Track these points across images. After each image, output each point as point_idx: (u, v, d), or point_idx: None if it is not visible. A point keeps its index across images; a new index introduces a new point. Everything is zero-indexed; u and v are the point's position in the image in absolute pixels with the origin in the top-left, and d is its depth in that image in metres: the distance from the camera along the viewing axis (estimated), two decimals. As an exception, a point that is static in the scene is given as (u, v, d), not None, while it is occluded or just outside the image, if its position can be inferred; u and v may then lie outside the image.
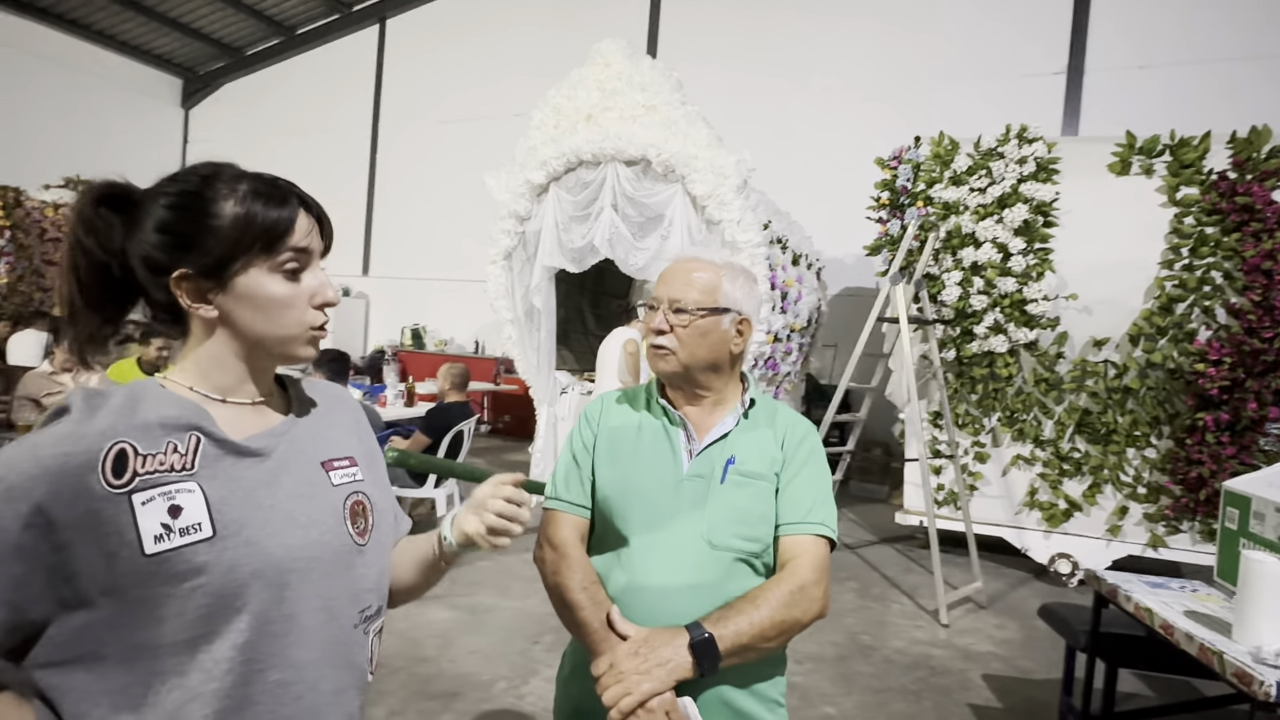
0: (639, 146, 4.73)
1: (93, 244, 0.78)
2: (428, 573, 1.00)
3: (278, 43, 12.05)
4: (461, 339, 10.55)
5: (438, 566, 0.99)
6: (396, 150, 11.36)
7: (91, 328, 0.80)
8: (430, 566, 0.99)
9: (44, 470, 0.67)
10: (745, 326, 1.25)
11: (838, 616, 3.85)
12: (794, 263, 5.61)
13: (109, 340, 0.83)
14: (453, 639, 3.26)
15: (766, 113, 8.69)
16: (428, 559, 0.98)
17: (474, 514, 0.93)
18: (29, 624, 0.69)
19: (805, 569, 1.12)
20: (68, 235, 0.78)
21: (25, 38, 10.32)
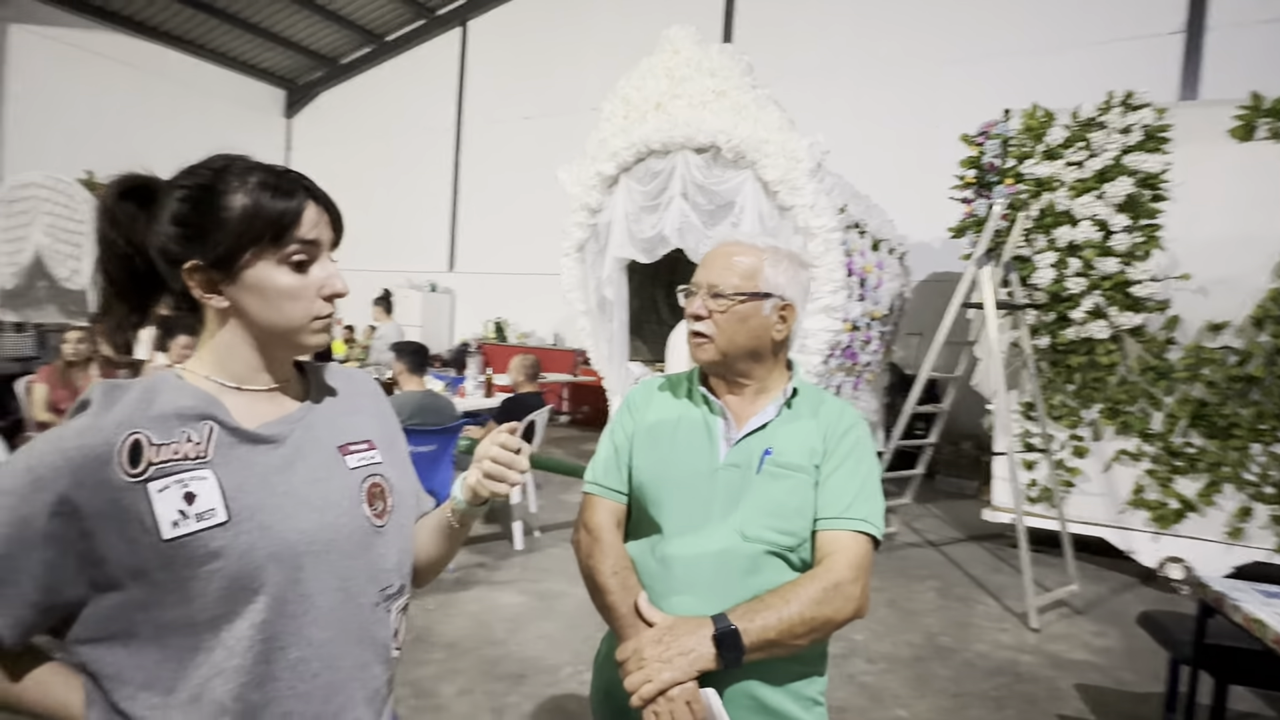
0: (708, 133, 4.66)
1: (117, 236, 0.82)
2: (446, 539, 1.01)
3: (369, 51, 12.63)
4: (542, 331, 10.78)
5: (453, 530, 1.00)
6: (479, 148, 11.70)
7: (120, 317, 0.84)
8: (447, 532, 1.00)
9: (67, 461, 0.71)
10: (789, 312, 1.20)
11: (915, 616, 3.70)
12: (874, 248, 5.40)
13: (138, 329, 0.87)
14: (522, 623, 3.33)
15: (848, 93, 8.39)
16: (444, 525, 1.00)
17: (474, 466, 0.94)
18: (64, 604, 0.73)
19: (841, 566, 1.07)
20: (95, 228, 0.82)
21: (143, 57, 11.25)
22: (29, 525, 0.70)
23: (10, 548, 0.70)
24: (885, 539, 4.89)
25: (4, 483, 0.71)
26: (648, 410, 1.26)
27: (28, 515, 0.70)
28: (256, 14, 11.36)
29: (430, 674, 2.81)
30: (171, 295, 0.86)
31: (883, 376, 6.57)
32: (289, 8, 11.25)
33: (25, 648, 0.76)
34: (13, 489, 0.71)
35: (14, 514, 0.70)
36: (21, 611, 0.71)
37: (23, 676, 0.75)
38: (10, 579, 0.70)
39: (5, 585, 0.70)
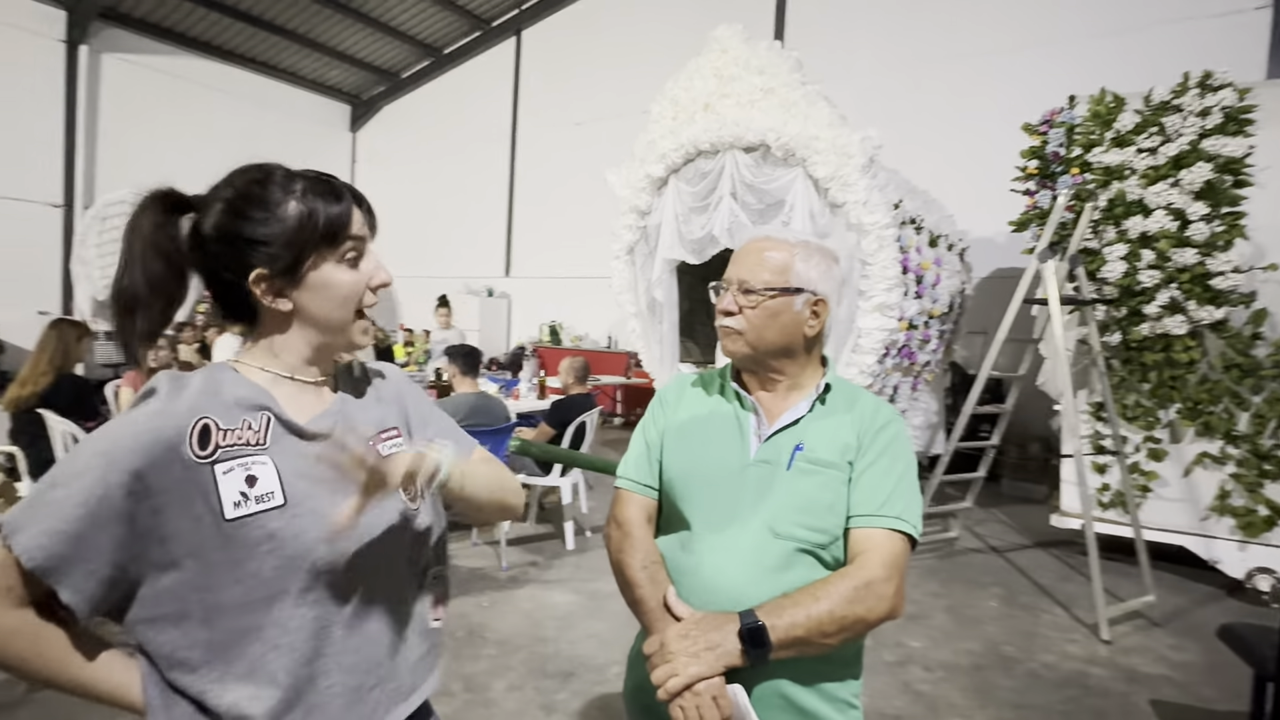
0: (757, 132, 4.62)
1: (153, 244, 0.85)
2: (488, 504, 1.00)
3: (428, 64, 13.03)
4: (596, 334, 10.88)
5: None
6: (533, 154, 11.91)
7: (153, 323, 0.87)
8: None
9: (140, 443, 0.76)
10: (821, 308, 1.18)
11: (976, 623, 3.56)
12: (931, 244, 5.24)
13: (162, 333, 0.92)
14: (573, 622, 3.37)
15: (904, 86, 8.18)
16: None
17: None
18: (128, 581, 0.78)
19: (874, 564, 1.05)
20: (129, 236, 0.84)
21: (220, 79, 11.91)
22: (104, 503, 0.74)
23: (83, 525, 0.74)
24: (945, 544, 4.74)
25: (78, 464, 0.76)
26: (679, 406, 1.26)
27: (103, 494, 0.74)
28: (324, 33, 11.87)
29: (482, 669, 2.87)
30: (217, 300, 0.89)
31: (943, 377, 6.37)
32: (354, 26, 11.71)
33: (85, 632, 0.82)
34: (87, 469, 0.75)
35: (88, 493, 0.74)
36: (94, 588, 0.76)
37: (82, 658, 0.80)
38: (85, 555, 0.74)
39: (80, 561, 0.74)
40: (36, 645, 0.77)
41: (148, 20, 10.92)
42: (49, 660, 0.78)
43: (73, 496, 0.74)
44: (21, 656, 0.77)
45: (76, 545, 0.74)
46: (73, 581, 0.75)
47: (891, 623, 3.53)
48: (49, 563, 0.74)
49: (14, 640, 0.77)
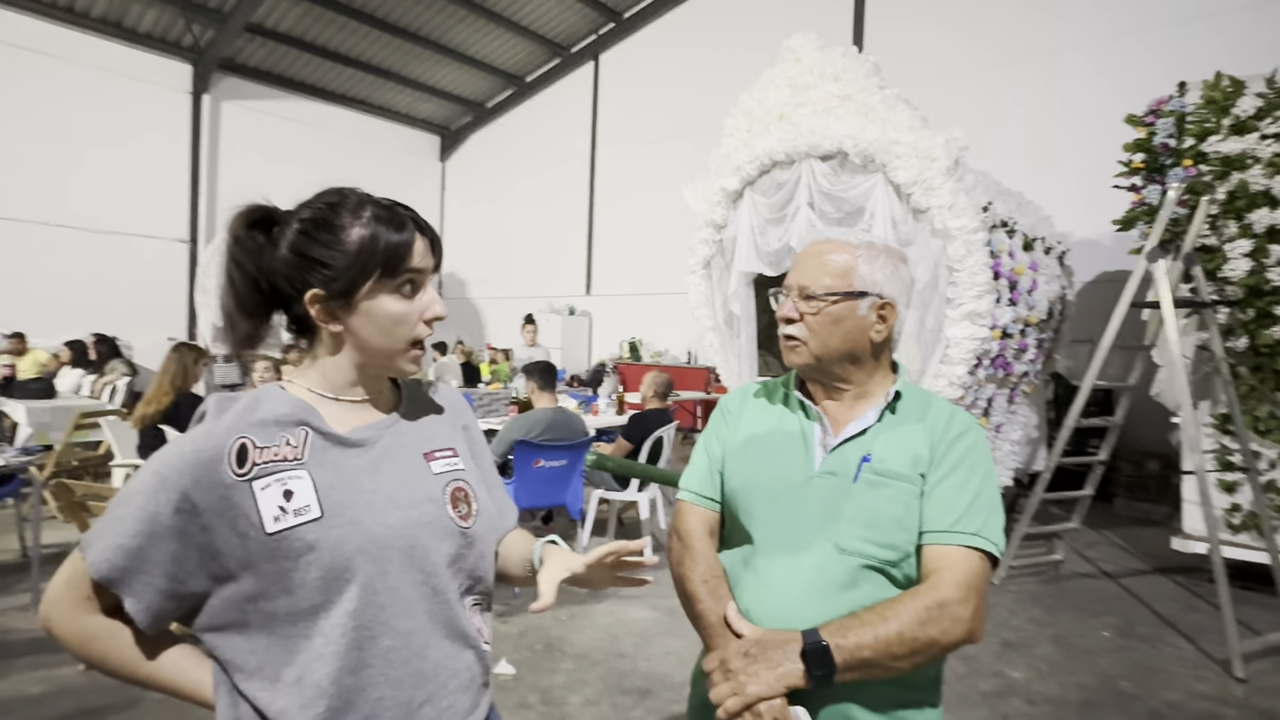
0: (834, 139, 4.52)
1: (243, 260, 0.90)
2: (518, 578, 1.03)
3: (511, 93, 13.53)
4: (675, 350, 10.88)
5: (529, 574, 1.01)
6: (611, 175, 12.13)
7: (246, 334, 0.92)
8: (521, 574, 1.02)
9: (186, 463, 0.81)
10: (889, 311, 1.13)
11: (1087, 655, 3.28)
12: (1026, 248, 4.94)
13: (259, 345, 0.96)
14: (650, 638, 3.34)
15: (989, 85, 7.83)
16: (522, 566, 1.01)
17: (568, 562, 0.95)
18: (190, 594, 0.83)
19: (949, 584, 0.98)
20: (224, 252, 0.91)
21: (322, 117, 12.80)
22: (157, 520, 0.80)
23: (141, 540, 0.79)
24: (1050, 567, 4.42)
25: (136, 484, 0.82)
26: (742, 416, 1.23)
27: (155, 511, 0.80)
28: (416, 69, 12.57)
29: (560, 683, 2.88)
30: (288, 315, 0.93)
31: (1044, 388, 5.97)
32: (443, 60, 12.34)
33: (164, 632, 0.87)
34: (142, 489, 0.81)
35: (144, 511, 0.80)
36: (153, 598, 0.81)
37: (161, 656, 0.86)
38: (143, 568, 0.80)
39: (139, 574, 0.80)
40: (115, 646, 0.84)
41: (261, 68, 11.90)
42: (126, 660, 0.84)
43: (132, 514, 0.80)
44: (103, 656, 0.84)
45: (136, 559, 0.79)
46: (134, 592, 0.80)
47: (989, 650, 3.32)
48: (113, 574, 0.80)
49: (95, 643, 0.83)
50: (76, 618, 0.83)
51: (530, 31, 11.84)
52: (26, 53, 9.65)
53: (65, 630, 0.83)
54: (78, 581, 0.82)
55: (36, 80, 9.77)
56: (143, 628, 0.83)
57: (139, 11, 10.23)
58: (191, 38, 10.76)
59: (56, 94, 9.96)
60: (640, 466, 3.94)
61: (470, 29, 11.66)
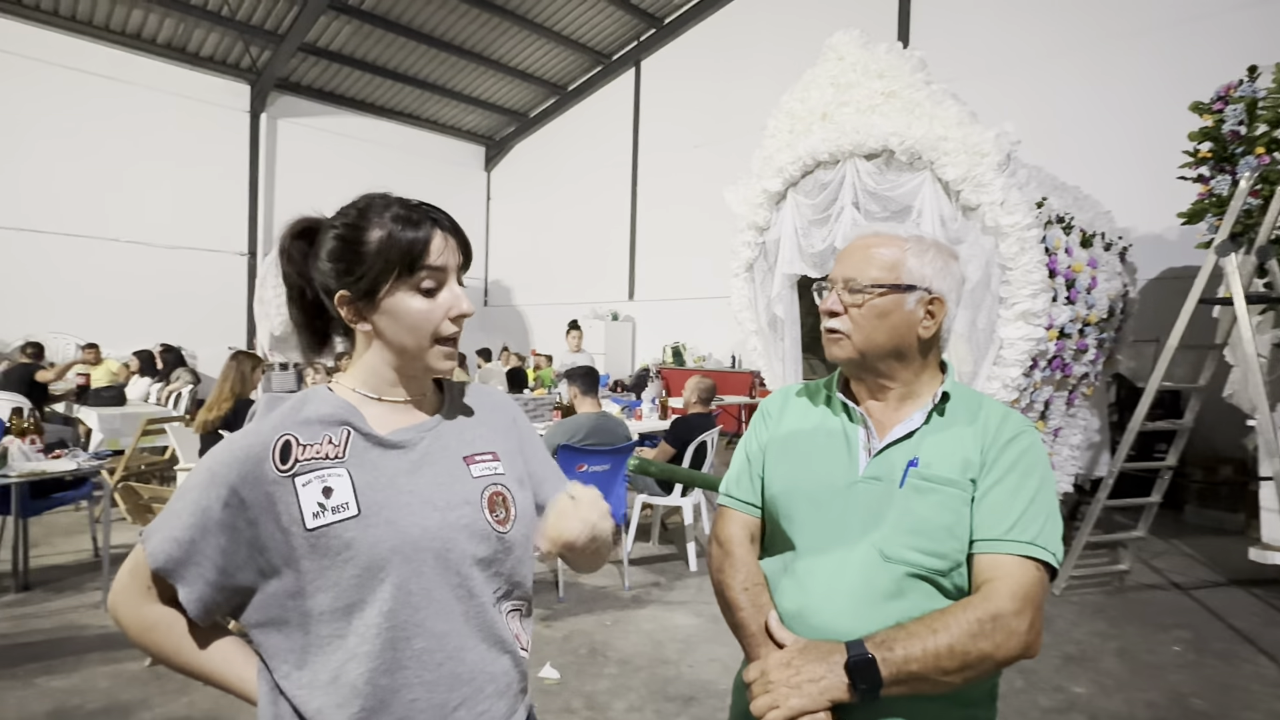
0: (879, 137, 4.42)
1: (292, 271, 0.94)
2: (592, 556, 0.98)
3: (553, 102, 13.69)
4: (719, 354, 10.82)
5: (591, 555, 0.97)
6: (654, 180, 12.15)
7: (305, 341, 0.97)
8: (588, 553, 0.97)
9: (235, 458, 0.83)
10: (937, 307, 1.08)
11: (1156, 671, 3.12)
12: (1084, 244, 4.74)
13: (319, 351, 0.99)
14: (694, 645, 3.31)
15: (1041, 77, 7.57)
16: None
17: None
18: (239, 587, 0.85)
19: (1003, 595, 0.93)
20: (278, 265, 0.95)
21: (371, 131, 13.18)
22: (207, 514, 0.82)
23: (194, 533, 0.83)
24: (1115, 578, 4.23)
25: (191, 480, 0.85)
26: (782, 418, 1.20)
27: (206, 506, 0.83)
28: (461, 82, 12.83)
29: (603, 689, 2.88)
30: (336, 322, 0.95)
31: (1106, 390, 5.72)
32: (487, 73, 12.57)
33: (214, 625, 0.90)
34: (196, 484, 0.84)
35: (196, 505, 0.83)
36: (204, 590, 0.84)
37: (211, 648, 0.88)
38: (195, 560, 0.83)
39: (191, 565, 0.83)
40: (171, 636, 0.87)
41: (314, 86, 12.32)
42: (180, 650, 0.87)
43: (186, 508, 0.83)
44: (159, 645, 0.87)
45: (188, 551, 0.83)
46: (187, 582, 0.83)
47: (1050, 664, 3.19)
48: (168, 565, 0.83)
49: (153, 632, 0.87)
50: (138, 606, 0.86)
51: (572, 41, 11.96)
52: (97, 78, 10.21)
53: (128, 618, 0.87)
54: (139, 571, 0.85)
55: (107, 104, 10.32)
56: (194, 618, 0.85)
57: (201, 35, 10.71)
58: (249, 59, 11.21)
59: (125, 117, 10.51)
60: (683, 471, 3.91)
61: (513, 41, 11.85)
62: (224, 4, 10.06)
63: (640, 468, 3.36)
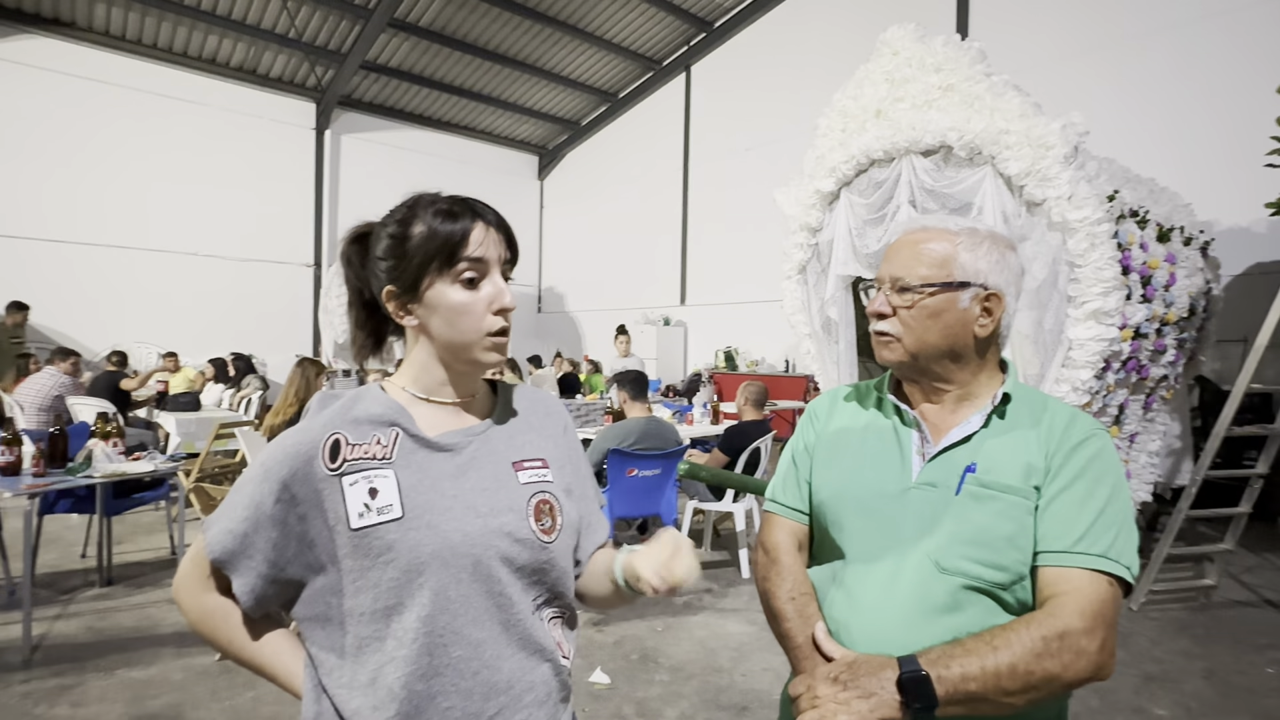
0: (936, 133, 4.28)
1: (351, 274, 0.96)
2: (614, 597, 0.98)
3: (604, 110, 13.81)
4: (772, 358, 10.67)
5: (616, 593, 0.96)
6: (704, 184, 12.10)
7: (361, 342, 0.98)
8: (614, 594, 0.97)
9: (287, 455, 0.85)
10: (994, 303, 1.02)
11: (1249, 695, 2.90)
12: (1161, 238, 4.49)
13: (375, 352, 1.00)
14: (747, 653, 3.25)
15: (1110, 65, 7.21)
16: (607, 586, 0.97)
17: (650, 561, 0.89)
18: (289, 580, 0.87)
19: (1071, 611, 0.87)
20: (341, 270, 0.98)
21: (429, 144, 13.56)
22: (260, 509, 0.85)
23: (248, 526, 0.85)
24: (1200, 593, 3.98)
25: (247, 475, 0.88)
26: (830, 421, 1.15)
27: (260, 500, 0.85)
28: (515, 93, 13.08)
29: (654, 695, 2.85)
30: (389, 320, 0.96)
31: (1187, 393, 5.39)
32: (540, 83, 12.78)
33: (267, 618, 0.92)
34: (251, 479, 0.86)
35: (250, 499, 0.85)
36: (255, 581, 0.86)
37: (263, 640, 0.90)
38: (248, 552, 0.85)
39: (245, 557, 0.85)
40: (226, 625, 0.89)
41: (374, 102, 12.76)
42: (233, 639, 0.89)
43: (241, 501, 0.86)
44: (215, 632, 0.90)
45: (243, 543, 0.85)
46: (240, 573, 0.86)
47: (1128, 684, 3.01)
48: (224, 556, 0.86)
49: (210, 619, 0.89)
50: (197, 594, 0.89)
51: (622, 48, 12.04)
52: (178, 102, 10.82)
53: (187, 604, 0.90)
54: (200, 560, 0.88)
55: (187, 126, 10.94)
56: (245, 608, 0.87)
57: (270, 57, 11.24)
58: (315, 78, 11.69)
59: (203, 138, 11.10)
60: (734, 476, 3.85)
61: (565, 50, 12.01)
62: (291, 26, 10.52)
63: (691, 472, 3.32)
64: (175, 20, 10.14)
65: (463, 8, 10.70)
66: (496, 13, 10.84)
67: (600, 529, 1.04)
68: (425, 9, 10.69)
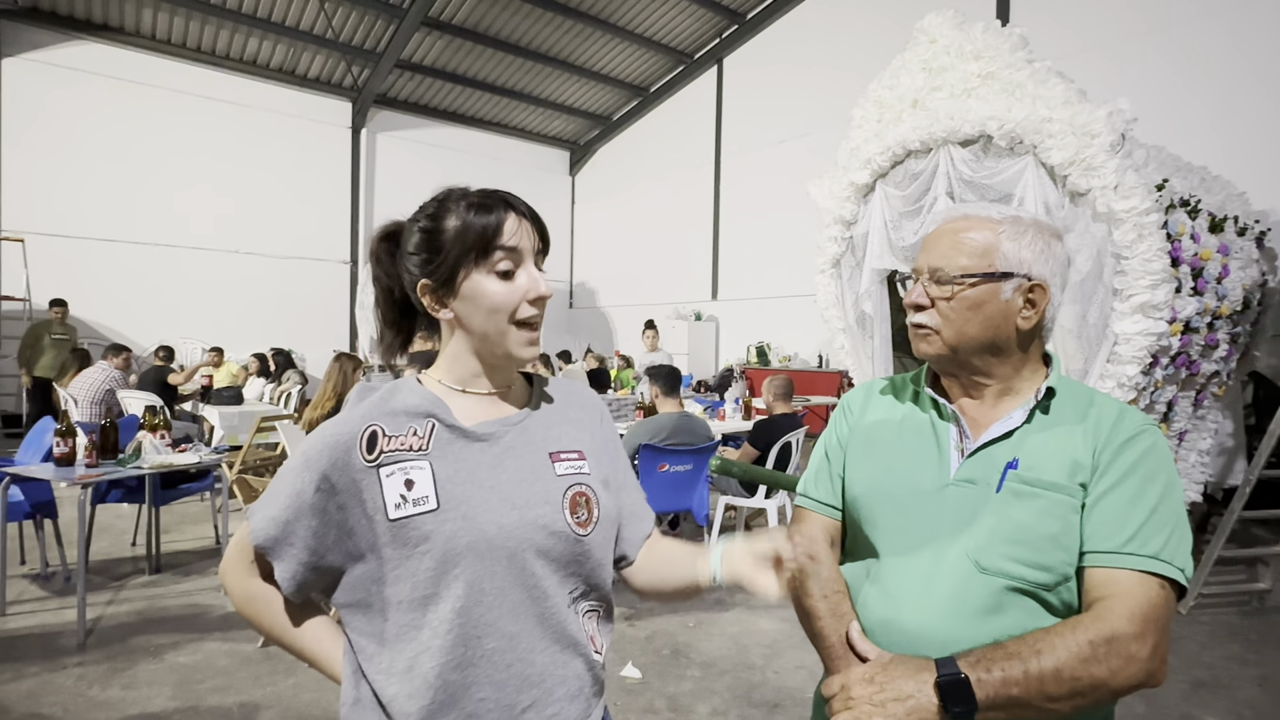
0: (975, 122, 4.18)
1: (380, 272, 0.97)
2: (683, 592, 0.97)
3: (636, 104, 13.79)
4: (805, 353, 10.57)
5: (694, 588, 0.96)
6: (736, 179, 12.01)
7: (389, 338, 1.00)
8: (687, 589, 0.96)
9: (327, 446, 0.87)
10: (1038, 294, 0.98)
11: (1305, 703, 2.79)
12: (1213, 229, 4.32)
13: (406, 347, 1.02)
14: (780, 651, 3.23)
15: (1164, 47, 6.95)
16: (686, 582, 0.96)
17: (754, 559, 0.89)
18: (329, 568, 0.88)
19: (1120, 615, 0.83)
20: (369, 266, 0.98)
21: (462, 141, 13.71)
22: (301, 497, 0.86)
23: (289, 514, 0.87)
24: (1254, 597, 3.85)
25: (288, 464, 0.90)
26: (865, 415, 1.12)
27: (300, 489, 0.86)
28: (546, 89, 13.14)
29: (686, 690, 2.85)
30: (420, 315, 0.98)
31: (1241, 390, 5.19)
32: (571, 79, 12.81)
33: (308, 604, 0.94)
34: (292, 468, 0.88)
35: (292, 488, 0.87)
36: (296, 568, 0.87)
37: (304, 626, 0.93)
38: (289, 539, 0.87)
39: (286, 544, 0.87)
40: (269, 610, 0.92)
41: (408, 100, 12.94)
42: (276, 623, 0.92)
43: (284, 490, 0.88)
44: (259, 616, 0.92)
45: (284, 530, 0.87)
46: (282, 559, 0.88)
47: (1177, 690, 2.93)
48: (267, 543, 0.88)
49: (253, 603, 0.92)
50: (242, 578, 0.92)
51: (653, 42, 12.00)
52: (222, 104, 11.11)
53: (233, 587, 0.93)
54: (245, 546, 0.91)
55: (230, 127, 11.24)
56: (287, 594, 0.89)
57: (308, 58, 11.46)
58: (351, 78, 11.90)
59: (245, 138, 11.39)
60: (766, 472, 3.83)
61: (596, 45, 12.01)
62: (328, 27, 10.71)
63: (722, 468, 3.30)
64: (218, 23, 10.40)
65: (495, 4, 10.78)
66: (528, 9, 10.89)
67: (645, 518, 1.04)
68: (458, 7, 10.79)
